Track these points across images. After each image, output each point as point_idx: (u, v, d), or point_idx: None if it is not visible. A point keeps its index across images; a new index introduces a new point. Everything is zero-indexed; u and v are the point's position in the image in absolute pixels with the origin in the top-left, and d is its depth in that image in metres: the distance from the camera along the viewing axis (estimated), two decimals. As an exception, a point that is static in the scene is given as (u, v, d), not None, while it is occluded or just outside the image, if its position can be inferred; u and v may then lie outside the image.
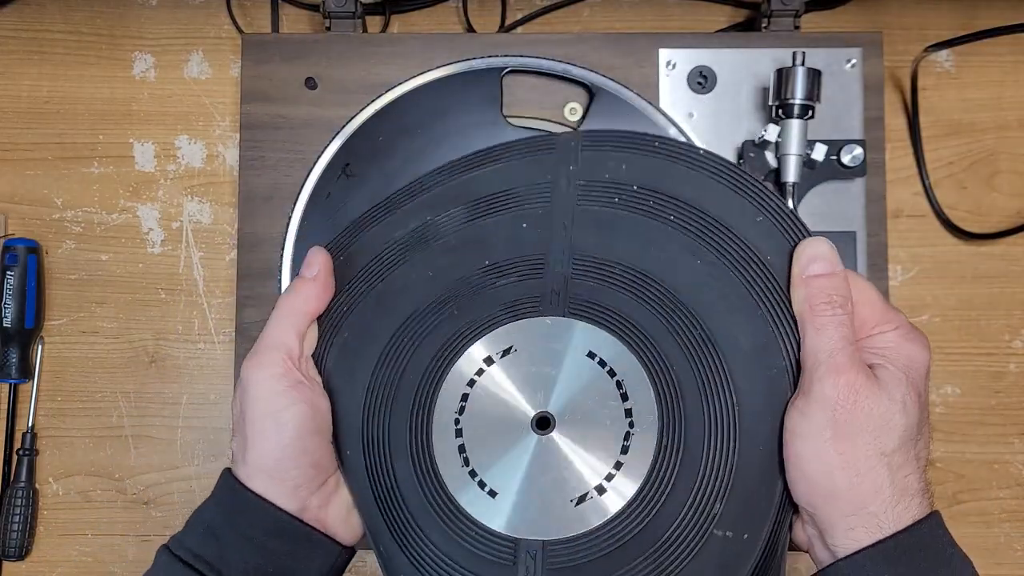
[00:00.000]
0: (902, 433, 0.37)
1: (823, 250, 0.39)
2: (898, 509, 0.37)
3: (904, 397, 0.37)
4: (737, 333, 0.40)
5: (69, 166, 0.66)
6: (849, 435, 0.36)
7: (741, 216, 0.40)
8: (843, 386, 0.36)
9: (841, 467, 0.36)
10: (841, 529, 0.37)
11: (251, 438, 0.41)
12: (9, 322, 0.63)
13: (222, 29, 0.67)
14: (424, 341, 0.42)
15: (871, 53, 0.60)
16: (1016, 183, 0.65)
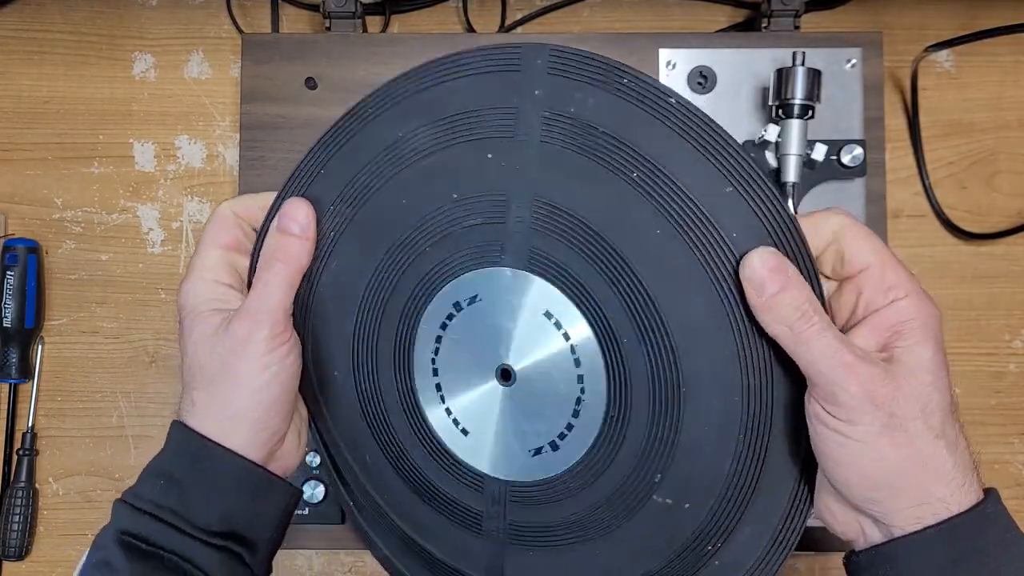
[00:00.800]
0: (944, 407, 0.36)
1: (772, 262, 0.35)
2: (964, 489, 0.35)
3: (932, 371, 0.36)
4: (689, 314, 0.38)
5: (69, 166, 0.66)
6: (900, 426, 0.35)
7: (707, 184, 0.37)
8: (867, 380, 0.35)
9: (903, 460, 0.35)
10: (910, 518, 0.35)
11: (232, 392, 0.42)
12: (9, 322, 0.63)
13: (222, 29, 0.67)
14: (402, 277, 0.43)
15: (871, 53, 0.60)
16: (1016, 183, 0.65)
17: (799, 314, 0.35)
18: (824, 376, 0.35)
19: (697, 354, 0.38)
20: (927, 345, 0.36)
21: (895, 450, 0.35)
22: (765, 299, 0.35)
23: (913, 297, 0.37)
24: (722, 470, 0.38)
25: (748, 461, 0.38)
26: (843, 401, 0.35)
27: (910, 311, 0.36)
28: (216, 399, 0.42)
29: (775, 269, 0.35)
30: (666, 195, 0.37)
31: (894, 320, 0.36)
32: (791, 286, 0.35)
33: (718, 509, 0.39)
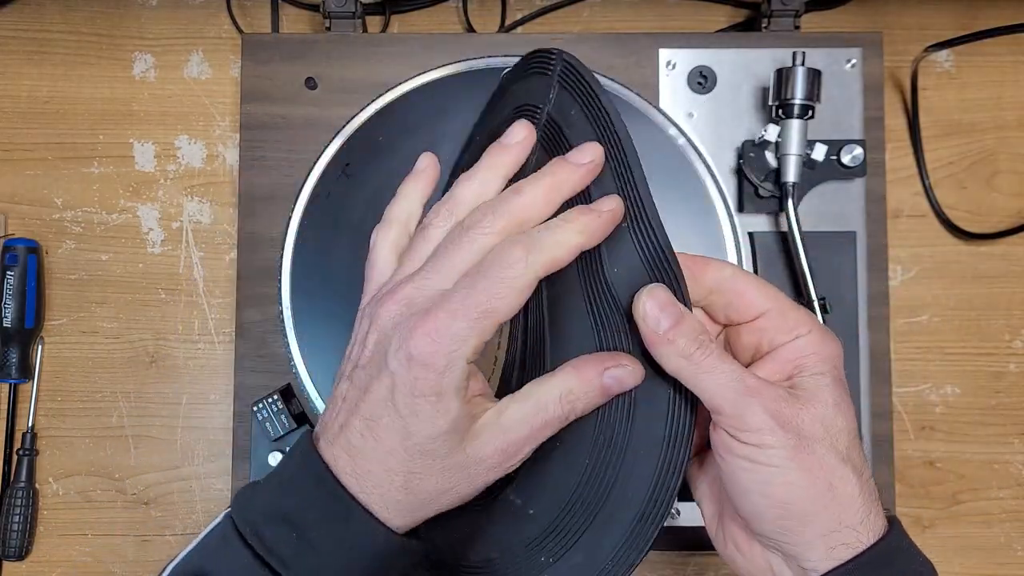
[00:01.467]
0: (849, 432, 0.36)
1: (664, 297, 0.35)
2: (871, 518, 0.35)
3: (835, 399, 0.36)
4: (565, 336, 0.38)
5: (69, 166, 0.66)
6: (807, 447, 0.34)
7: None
8: (772, 401, 0.35)
9: (811, 483, 0.34)
10: (821, 550, 0.35)
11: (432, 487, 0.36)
12: (9, 322, 0.63)
13: (222, 29, 0.67)
14: None
15: (871, 53, 0.60)
16: (1016, 183, 0.65)
17: (697, 345, 0.35)
18: (730, 402, 0.35)
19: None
20: (828, 375, 0.36)
21: (803, 473, 0.34)
22: (663, 333, 0.35)
23: (816, 333, 0.37)
24: (564, 489, 0.37)
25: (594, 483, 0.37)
26: (751, 424, 0.34)
27: (812, 346, 0.37)
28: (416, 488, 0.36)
29: (668, 303, 0.35)
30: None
31: (796, 354, 0.37)
32: (685, 319, 0.35)
33: (556, 525, 0.38)
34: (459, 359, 0.34)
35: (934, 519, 0.64)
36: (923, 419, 0.64)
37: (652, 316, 0.35)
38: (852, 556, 0.35)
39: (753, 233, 0.59)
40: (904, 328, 0.64)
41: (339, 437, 0.36)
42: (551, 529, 0.38)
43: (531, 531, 0.38)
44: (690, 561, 0.62)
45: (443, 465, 0.35)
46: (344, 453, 0.36)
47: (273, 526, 0.36)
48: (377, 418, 0.35)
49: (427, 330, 0.34)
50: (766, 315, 0.38)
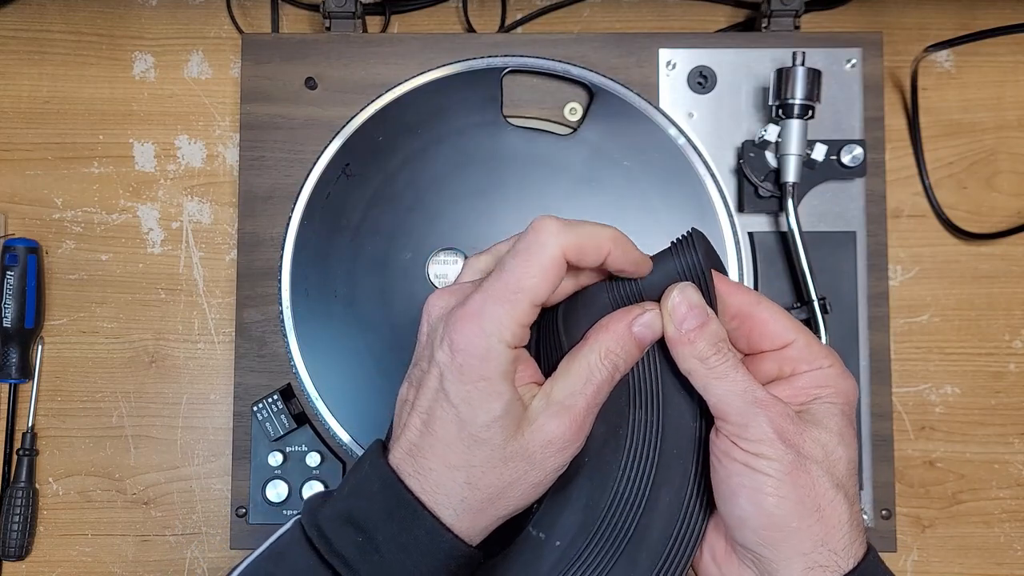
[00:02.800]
0: (848, 462, 0.36)
1: (694, 298, 0.37)
2: (855, 547, 0.35)
3: (840, 428, 0.37)
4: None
5: (69, 166, 0.66)
6: (803, 467, 0.35)
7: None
8: (779, 417, 0.35)
9: (802, 500, 0.35)
10: (799, 569, 0.35)
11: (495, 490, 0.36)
12: (9, 322, 0.63)
13: (222, 29, 0.67)
14: None
15: (871, 53, 0.60)
16: (1016, 183, 0.65)
17: (715, 350, 0.36)
18: (736, 409, 0.36)
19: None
20: (838, 407, 0.37)
21: (795, 489, 0.35)
22: (684, 333, 0.36)
23: (837, 368, 0.38)
24: (595, 512, 0.37)
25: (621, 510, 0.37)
26: (754, 435, 0.35)
27: (831, 379, 0.38)
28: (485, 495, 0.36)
29: (696, 305, 0.36)
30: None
31: (815, 384, 0.38)
32: (710, 322, 0.36)
33: (585, 552, 0.37)
34: (499, 343, 0.34)
35: (934, 519, 0.64)
36: (923, 419, 0.64)
37: (679, 314, 0.36)
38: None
39: (753, 233, 0.59)
40: (904, 328, 0.64)
41: (401, 438, 0.37)
42: (576, 558, 0.37)
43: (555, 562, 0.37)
44: (690, 561, 0.62)
45: (503, 455, 0.35)
46: (407, 454, 0.36)
47: (339, 528, 0.36)
48: (432, 412, 0.36)
49: (466, 315, 0.35)
50: (792, 345, 0.38)
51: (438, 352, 0.35)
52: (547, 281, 0.35)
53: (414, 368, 0.38)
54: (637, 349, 0.37)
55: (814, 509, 0.35)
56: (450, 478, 0.35)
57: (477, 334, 0.34)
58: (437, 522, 0.35)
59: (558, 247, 0.34)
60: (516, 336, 0.35)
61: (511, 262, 0.35)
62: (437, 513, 0.35)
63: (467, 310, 0.35)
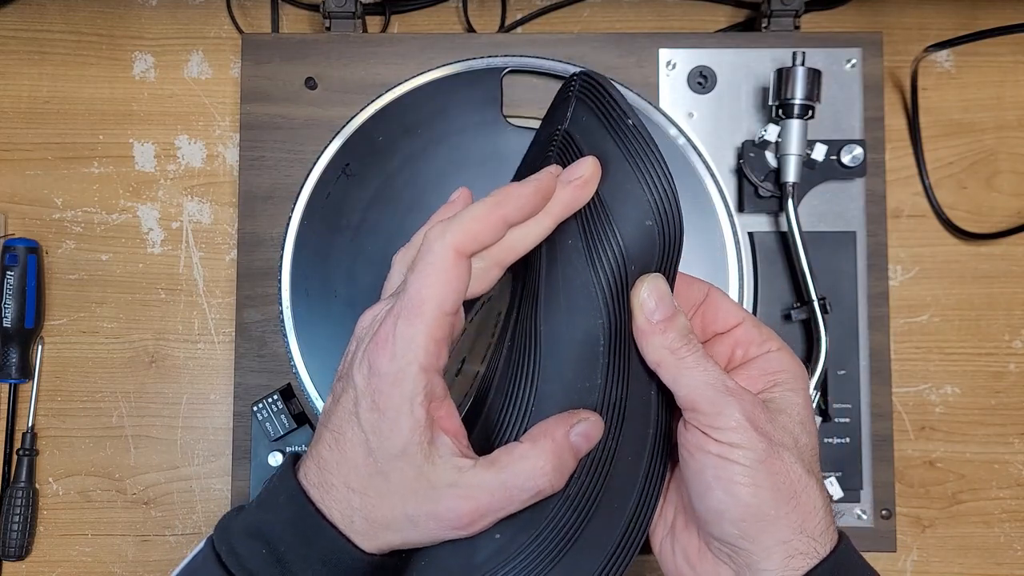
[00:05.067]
0: (813, 451, 0.37)
1: (663, 289, 0.36)
2: (829, 532, 0.36)
3: (802, 416, 0.37)
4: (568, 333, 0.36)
5: (69, 166, 0.66)
6: (777, 454, 0.35)
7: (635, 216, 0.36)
8: (749, 406, 0.35)
9: (778, 487, 0.35)
10: (778, 558, 0.35)
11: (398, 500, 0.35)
12: (9, 322, 0.63)
13: (222, 29, 0.67)
14: None
15: (871, 53, 0.60)
16: (1016, 183, 0.65)
17: (684, 341, 0.36)
18: (708, 399, 0.35)
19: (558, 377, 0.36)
20: (799, 394, 0.38)
21: (771, 477, 0.35)
22: (655, 323, 0.36)
23: (785, 352, 0.39)
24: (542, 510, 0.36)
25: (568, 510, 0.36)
26: (727, 423, 0.35)
27: (784, 363, 0.39)
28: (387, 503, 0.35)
29: (666, 296, 0.36)
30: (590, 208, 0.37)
31: (771, 368, 0.38)
32: (679, 315, 0.37)
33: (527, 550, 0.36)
34: (410, 364, 0.33)
35: (934, 519, 0.64)
36: (923, 419, 0.64)
37: (649, 306, 0.36)
38: (808, 568, 0.35)
39: (753, 233, 0.59)
40: (904, 328, 0.64)
41: (312, 449, 0.36)
42: (515, 555, 0.35)
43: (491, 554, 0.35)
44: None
45: (402, 493, 0.34)
46: (315, 466, 0.36)
47: (247, 542, 0.35)
48: (342, 431, 0.35)
49: (379, 340, 0.34)
50: (741, 326, 0.40)
51: (356, 374, 0.35)
52: (448, 285, 0.34)
53: (337, 381, 0.37)
54: (574, 462, 0.35)
55: (790, 496, 0.35)
56: (346, 500, 0.35)
57: (389, 358, 0.33)
58: (338, 534, 0.35)
59: (448, 247, 0.34)
60: (431, 353, 0.33)
61: (410, 277, 0.34)
62: (340, 527, 0.35)
63: (380, 334, 0.34)
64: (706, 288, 0.41)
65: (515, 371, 0.37)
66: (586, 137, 0.38)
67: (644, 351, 0.37)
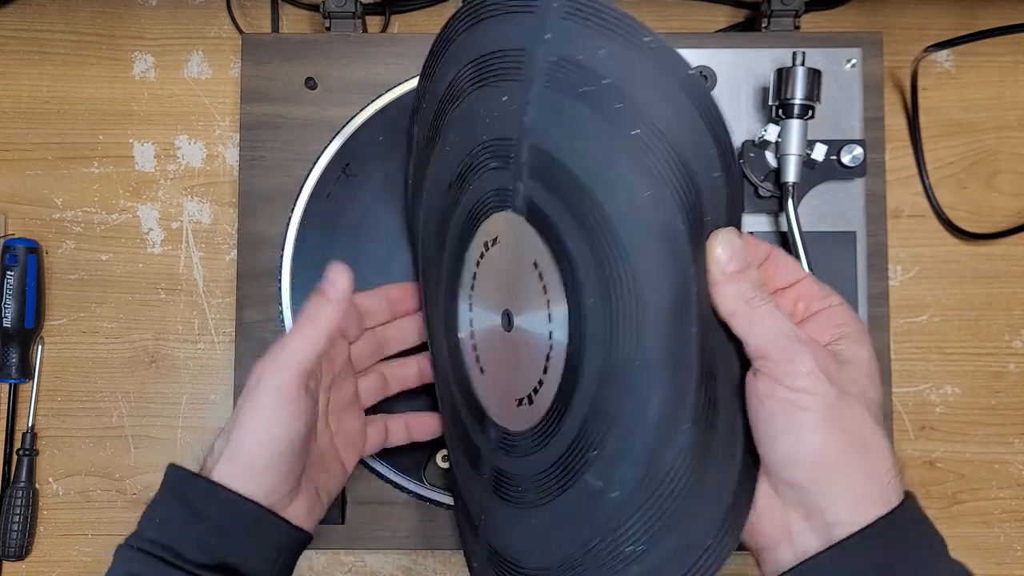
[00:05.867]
0: (879, 403, 0.38)
1: (737, 242, 0.38)
2: (896, 482, 0.36)
3: (870, 370, 0.38)
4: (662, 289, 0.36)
5: (69, 166, 0.66)
6: (846, 402, 0.36)
7: (705, 164, 0.37)
8: (820, 356, 0.37)
9: (849, 435, 0.36)
10: (848, 503, 0.35)
11: (242, 441, 0.42)
12: (9, 322, 0.63)
13: (222, 29, 0.67)
14: (456, 210, 0.45)
15: (871, 53, 0.60)
16: (1016, 183, 0.65)
17: (757, 291, 0.37)
18: (780, 348, 0.37)
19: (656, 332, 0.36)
20: (865, 345, 0.39)
21: (841, 423, 0.36)
22: (729, 273, 0.37)
23: (845, 306, 0.40)
24: (659, 463, 0.37)
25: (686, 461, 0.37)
26: (799, 370, 0.36)
27: (846, 316, 0.40)
28: (223, 440, 0.43)
29: (739, 250, 0.38)
30: (662, 160, 0.36)
31: (835, 321, 0.40)
32: (750, 267, 0.38)
33: (645, 506, 0.37)
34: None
35: (934, 519, 0.63)
36: (923, 419, 0.64)
37: (726, 256, 0.37)
38: (878, 516, 0.35)
39: (753, 233, 0.59)
40: (904, 328, 0.64)
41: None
42: (636, 510, 0.37)
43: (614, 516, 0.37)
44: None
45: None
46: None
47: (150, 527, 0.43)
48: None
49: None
50: (802, 281, 0.41)
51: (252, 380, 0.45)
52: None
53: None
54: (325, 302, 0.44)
55: (860, 443, 0.36)
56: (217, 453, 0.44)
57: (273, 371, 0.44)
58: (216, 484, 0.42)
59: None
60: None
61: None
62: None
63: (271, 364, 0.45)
64: (768, 247, 0.42)
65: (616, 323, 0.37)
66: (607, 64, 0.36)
67: (717, 302, 0.38)
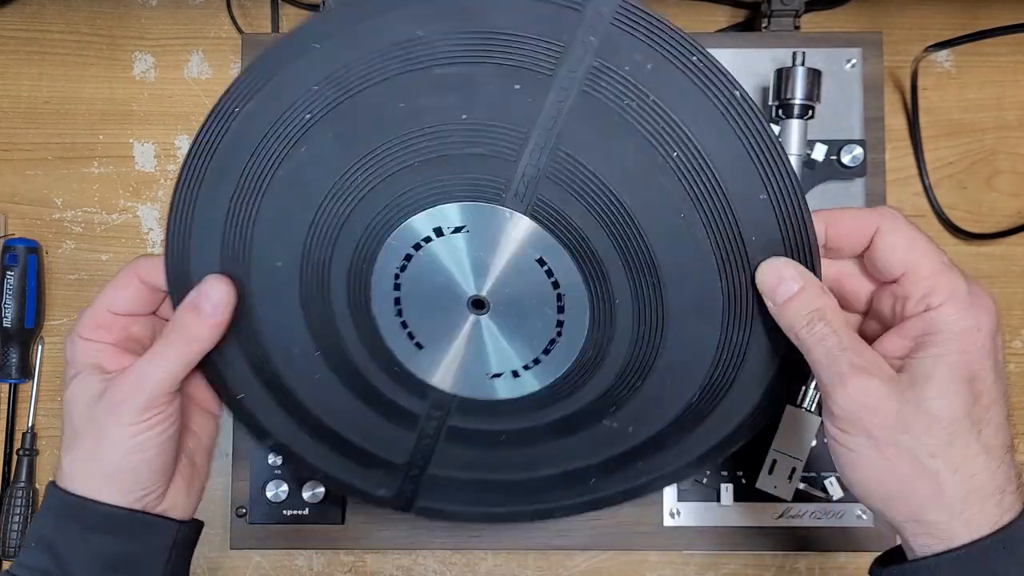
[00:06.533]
0: (947, 428, 0.34)
1: (785, 271, 0.37)
2: (968, 516, 0.34)
3: (942, 388, 0.34)
4: (689, 299, 0.40)
5: (69, 166, 0.66)
6: (890, 441, 0.34)
7: (747, 187, 0.37)
8: (854, 394, 0.34)
9: (889, 472, 0.35)
10: (908, 533, 0.36)
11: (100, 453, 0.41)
12: (9, 322, 0.63)
13: (222, 29, 0.67)
14: (381, 184, 0.41)
15: (871, 53, 0.60)
16: (1016, 183, 0.65)
17: (804, 322, 0.36)
18: (822, 383, 0.36)
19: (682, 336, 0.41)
20: (950, 355, 0.34)
21: (884, 462, 0.35)
22: (775, 307, 0.37)
23: (949, 306, 0.35)
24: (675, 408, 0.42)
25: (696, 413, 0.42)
26: (834, 410, 0.35)
27: (940, 322, 0.35)
28: (84, 458, 0.41)
29: (789, 276, 0.36)
30: (702, 185, 0.37)
31: (921, 330, 0.35)
32: (797, 297, 0.36)
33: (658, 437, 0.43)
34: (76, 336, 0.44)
35: (934, 519, 0.63)
36: (923, 419, 0.64)
37: (767, 290, 0.37)
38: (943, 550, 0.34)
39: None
40: (904, 328, 0.64)
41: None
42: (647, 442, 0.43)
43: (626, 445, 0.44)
44: (691, 560, 0.62)
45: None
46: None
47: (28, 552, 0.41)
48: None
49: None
50: (906, 275, 0.36)
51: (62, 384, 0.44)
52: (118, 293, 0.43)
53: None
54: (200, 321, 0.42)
55: (902, 482, 0.35)
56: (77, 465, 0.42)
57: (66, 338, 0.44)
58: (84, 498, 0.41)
59: (129, 272, 0.43)
60: (89, 330, 0.43)
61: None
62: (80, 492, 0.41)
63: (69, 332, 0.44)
64: (872, 230, 0.37)
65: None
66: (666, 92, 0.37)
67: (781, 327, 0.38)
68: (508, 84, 0.38)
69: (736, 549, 0.60)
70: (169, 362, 0.41)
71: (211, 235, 0.42)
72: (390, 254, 0.42)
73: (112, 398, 0.40)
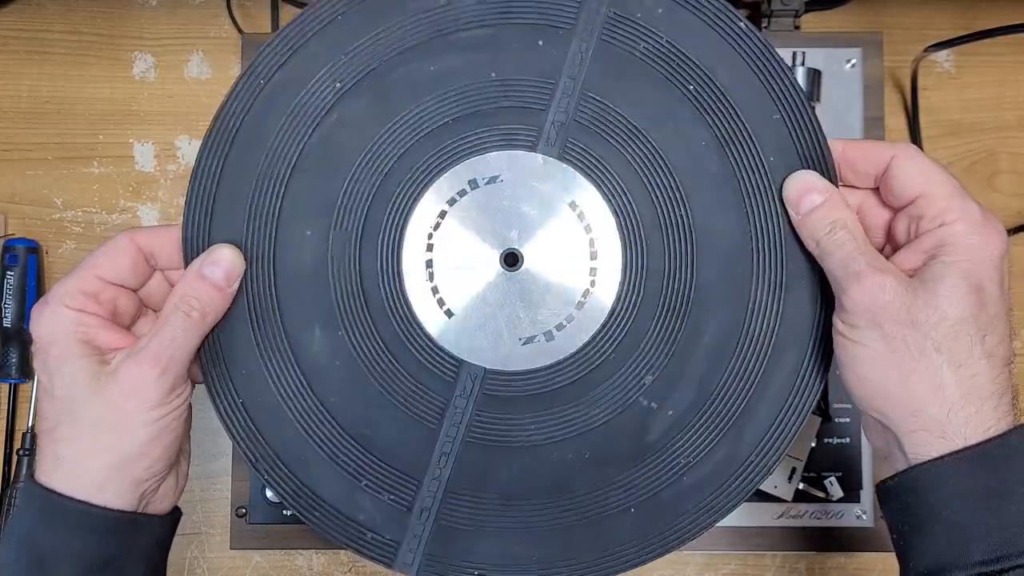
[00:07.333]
0: (953, 326, 0.35)
1: (811, 181, 0.39)
2: (966, 414, 0.35)
3: (952, 289, 0.36)
4: (716, 225, 0.41)
5: (69, 166, 0.66)
6: (898, 335, 0.36)
7: (759, 109, 0.41)
8: (869, 288, 0.36)
9: (894, 365, 0.36)
10: (905, 433, 0.36)
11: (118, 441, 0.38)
12: (9, 322, 0.63)
13: (222, 29, 0.67)
14: (416, 144, 0.42)
15: (871, 53, 0.60)
16: (1016, 183, 0.65)
17: (827, 230, 0.38)
18: (836, 282, 0.38)
19: (714, 266, 0.41)
20: (957, 265, 0.36)
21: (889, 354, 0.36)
22: (799, 217, 0.39)
23: (961, 224, 0.37)
24: (711, 383, 0.41)
25: (740, 380, 0.41)
26: (847, 306, 0.37)
27: (954, 238, 0.37)
28: (88, 449, 0.38)
29: (815, 187, 0.39)
30: (718, 111, 0.41)
31: (934, 244, 0.37)
32: (821, 207, 0.38)
33: (697, 422, 0.42)
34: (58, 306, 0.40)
35: (934, 519, 0.63)
36: (923, 419, 0.64)
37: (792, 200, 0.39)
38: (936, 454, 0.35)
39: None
40: (904, 328, 0.64)
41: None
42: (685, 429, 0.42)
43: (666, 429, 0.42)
44: (691, 560, 0.62)
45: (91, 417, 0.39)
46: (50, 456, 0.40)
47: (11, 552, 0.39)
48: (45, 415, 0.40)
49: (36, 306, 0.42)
50: (916, 202, 0.39)
51: (35, 364, 0.40)
52: (110, 259, 0.40)
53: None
54: (213, 290, 0.39)
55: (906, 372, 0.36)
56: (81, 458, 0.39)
57: (40, 309, 0.39)
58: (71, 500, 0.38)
59: (126, 237, 0.41)
60: (75, 299, 0.39)
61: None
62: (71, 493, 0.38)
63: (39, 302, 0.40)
64: (888, 157, 0.39)
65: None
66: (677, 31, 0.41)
67: (801, 237, 0.40)
68: (532, 41, 0.42)
69: (736, 549, 0.60)
70: (190, 338, 0.39)
71: (236, 205, 0.42)
72: (424, 213, 0.42)
73: (130, 379, 0.38)
